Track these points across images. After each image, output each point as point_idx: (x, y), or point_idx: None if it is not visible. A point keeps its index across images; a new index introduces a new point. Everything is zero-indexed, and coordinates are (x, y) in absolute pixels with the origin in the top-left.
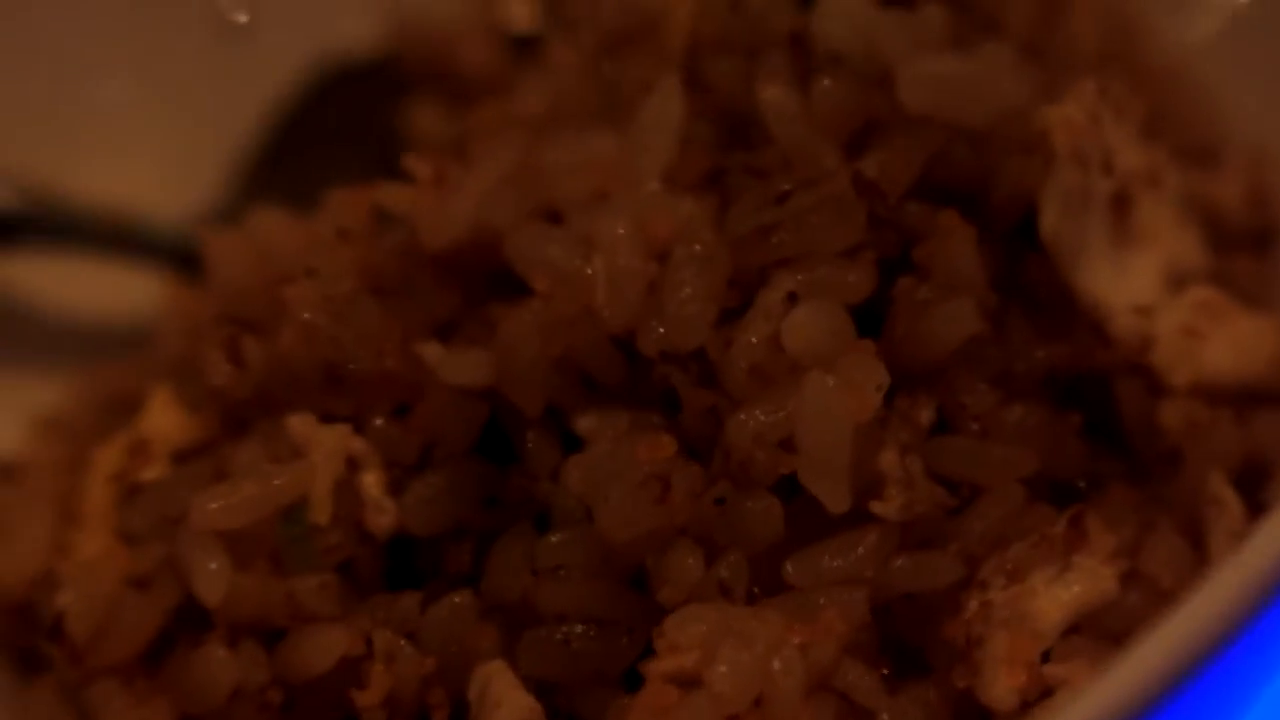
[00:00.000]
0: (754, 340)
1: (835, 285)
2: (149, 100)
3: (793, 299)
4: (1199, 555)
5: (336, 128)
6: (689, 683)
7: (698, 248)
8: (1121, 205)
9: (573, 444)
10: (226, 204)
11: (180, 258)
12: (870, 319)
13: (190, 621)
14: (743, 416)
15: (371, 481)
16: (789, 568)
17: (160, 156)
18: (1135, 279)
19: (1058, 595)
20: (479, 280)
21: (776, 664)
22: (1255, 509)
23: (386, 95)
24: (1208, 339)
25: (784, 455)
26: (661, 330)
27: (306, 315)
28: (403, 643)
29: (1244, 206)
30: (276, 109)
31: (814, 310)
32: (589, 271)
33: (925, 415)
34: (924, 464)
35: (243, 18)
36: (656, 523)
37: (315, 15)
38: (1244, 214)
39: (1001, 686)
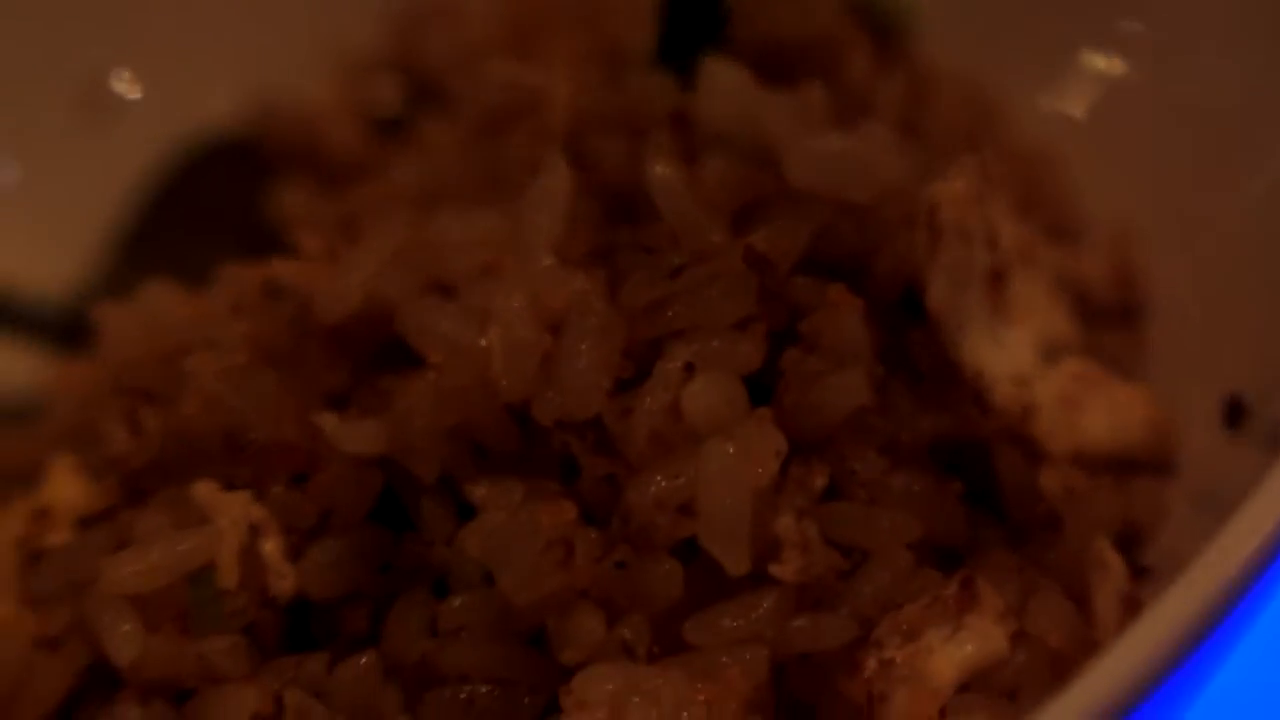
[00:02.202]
0: (654, 407)
1: (729, 356)
2: (19, 178)
3: (690, 369)
4: (1084, 616)
5: (204, 209)
6: None
7: (592, 319)
8: (998, 280)
9: (466, 512)
10: (95, 283)
11: (55, 334)
12: (758, 389)
13: (100, 682)
14: (643, 482)
15: (272, 547)
16: (689, 628)
17: (31, 234)
18: (1012, 351)
19: (952, 654)
20: (370, 352)
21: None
22: (1135, 572)
23: (252, 177)
24: (1085, 408)
25: (684, 519)
26: (558, 399)
27: (210, 385)
28: (313, 701)
29: (1109, 283)
30: (145, 189)
31: (711, 380)
32: (483, 344)
33: (819, 481)
34: (818, 528)
35: (117, 95)
36: (559, 585)
37: (185, 95)
38: (1109, 290)
39: None
